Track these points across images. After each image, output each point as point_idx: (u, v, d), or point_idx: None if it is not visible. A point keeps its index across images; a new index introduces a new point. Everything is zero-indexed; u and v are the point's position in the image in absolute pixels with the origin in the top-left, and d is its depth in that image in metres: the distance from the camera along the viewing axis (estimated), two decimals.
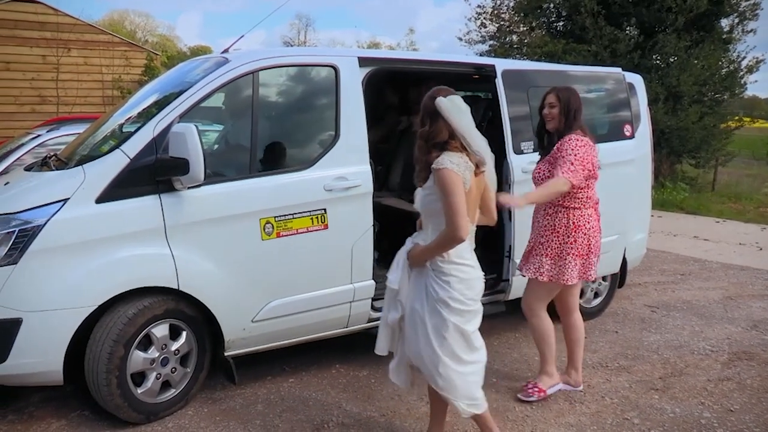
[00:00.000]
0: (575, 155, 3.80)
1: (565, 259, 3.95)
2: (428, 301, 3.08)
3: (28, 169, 4.38)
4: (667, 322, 5.76)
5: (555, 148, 3.95)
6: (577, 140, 3.88)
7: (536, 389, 4.16)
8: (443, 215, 2.98)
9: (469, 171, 3.00)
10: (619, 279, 5.88)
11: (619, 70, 5.63)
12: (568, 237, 3.95)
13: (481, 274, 3.21)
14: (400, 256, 3.21)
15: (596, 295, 5.78)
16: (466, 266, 3.11)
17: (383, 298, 4.45)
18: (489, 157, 3.14)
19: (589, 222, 3.98)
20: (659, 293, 6.76)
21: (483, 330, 5.24)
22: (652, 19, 15.15)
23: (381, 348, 3.33)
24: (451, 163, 2.94)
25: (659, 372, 4.65)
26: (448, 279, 3.06)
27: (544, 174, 3.99)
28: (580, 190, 3.92)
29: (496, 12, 18.77)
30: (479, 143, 3.07)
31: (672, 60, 15.37)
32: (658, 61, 15.79)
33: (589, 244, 3.98)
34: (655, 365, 4.77)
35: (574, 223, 3.95)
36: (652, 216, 6.52)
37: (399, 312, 3.19)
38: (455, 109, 3.04)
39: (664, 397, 4.24)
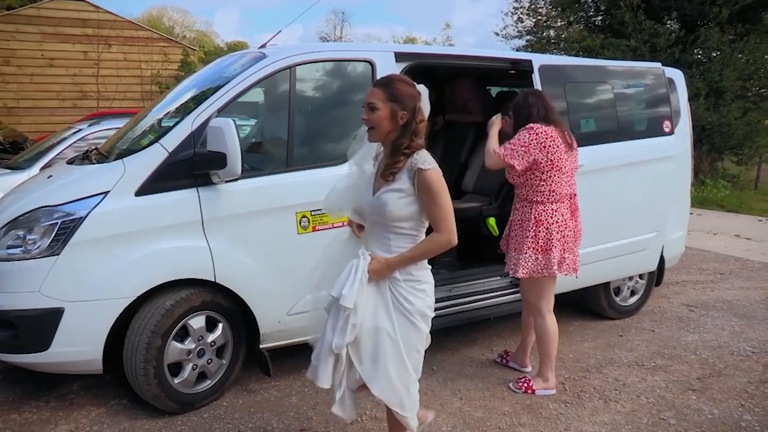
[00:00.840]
0: (518, 138, 3.96)
1: (524, 252, 4.04)
2: (398, 315, 2.72)
3: (70, 162, 4.47)
4: (705, 322, 5.66)
5: None
6: (530, 128, 3.97)
7: (526, 386, 4.19)
8: (413, 219, 2.70)
9: None
10: (656, 277, 5.80)
11: (658, 65, 5.54)
12: (528, 231, 4.03)
13: None
14: (358, 269, 2.69)
15: (633, 293, 5.71)
16: (430, 272, 2.86)
17: None
18: None
19: (552, 216, 4.00)
20: (698, 292, 6.64)
21: (517, 326, 5.21)
22: (695, 13, 14.85)
23: (324, 379, 2.83)
24: (433, 161, 2.66)
25: (697, 372, 4.57)
26: (424, 287, 2.79)
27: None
28: (542, 182, 3.98)
29: (533, 7, 18.65)
30: None
31: (714, 54, 15.05)
32: (699, 56, 15.49)
33: (550, 239, 3.98)
34: (693, 365, 4.69)
35: (535, 217, 4.02)
36: (691, 214, 6.41)
37: (351, 336, 2.70)
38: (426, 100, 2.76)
39: (702, 398, 4.17)
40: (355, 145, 2.93)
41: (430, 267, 2.84)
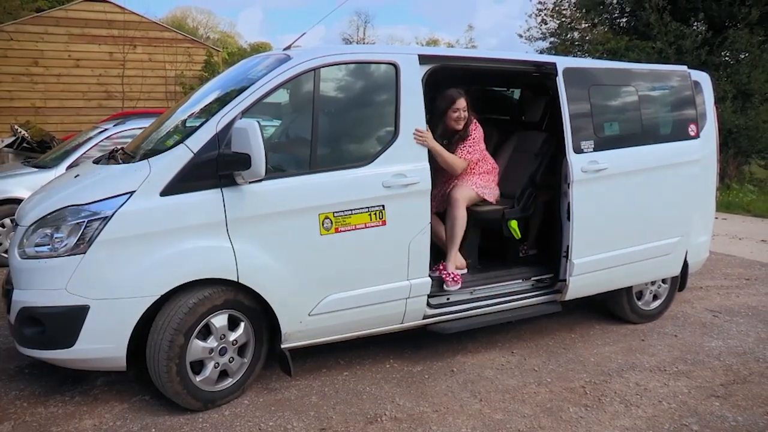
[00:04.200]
0: (473, 139, 4.87)
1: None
2: None
3: (97, 162, 4.52)
4: (730, 328, 5.59)
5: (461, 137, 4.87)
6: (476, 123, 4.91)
7: (445, 273, 4.68)
8: None
9: None
10: (679, 282, 5.74)
11: (684, 67, 5.49)
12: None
13: None
14: None
15: (655, 297, 5.65)
16: None
17: (439, 295, 4.52)
18: None
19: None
20: (722, 298, 6.56)
21: (538, 329, 5.22)
22: (723, 14, 14.68)
23: None
24: None
25: (721, 378, 4.52)
26: None
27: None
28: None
29: (557, 8, 18.57)
30: None
31: (743, 56, 14.86)
32: (727, 58, 15.30)
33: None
34: (717, 371, 4.64)
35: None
36: (716, 218, 6.34)
37: None
38: None
39: (726, 405, 4.12)
40: None
41: None
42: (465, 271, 4.84)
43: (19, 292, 3.67)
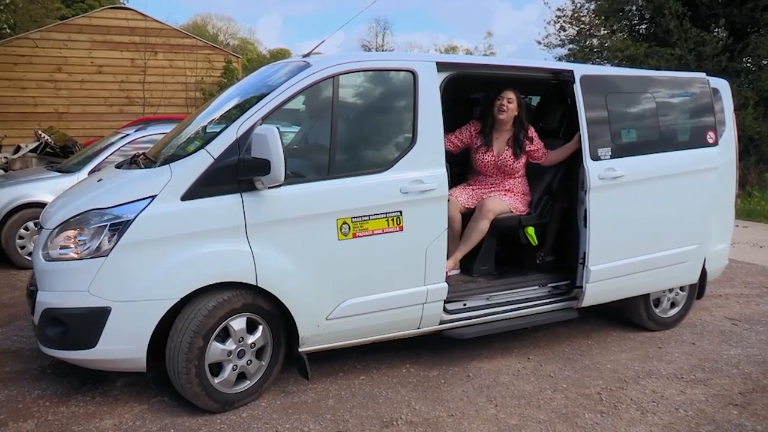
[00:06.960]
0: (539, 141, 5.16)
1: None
2: None
3: (119, 166, 4.60)
4: (749, 336, 5.55)
5: (528, 138, 5.08)
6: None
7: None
8: None
9: None
10: (697, 290, 5.71)
11: (703, 74, 5.47)
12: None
13: None
14: None
15: (673, 305, 5.63)
16: None
17: (456, 301, 4.54)
18: None
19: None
20: (742, 306, 6.51)
21: (554, 336, 5.21)
22: (744, 19, 14.56)
23: None
24: None
25: (739, 387, 4.49)
26: None
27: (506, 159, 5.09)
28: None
29: (576, 15, 18.47)
30: None
31: (765, 62, 14.73)
32: (748, 64, 15.16)
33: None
34: (735, 380, 4.61)
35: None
36: (736, 226, 6.30)
37: None
38: None
39: (744, 414, 4.09)
40: None
41: None
42: (457, 272, 4.96)
43: (42, 294, 3.75)
